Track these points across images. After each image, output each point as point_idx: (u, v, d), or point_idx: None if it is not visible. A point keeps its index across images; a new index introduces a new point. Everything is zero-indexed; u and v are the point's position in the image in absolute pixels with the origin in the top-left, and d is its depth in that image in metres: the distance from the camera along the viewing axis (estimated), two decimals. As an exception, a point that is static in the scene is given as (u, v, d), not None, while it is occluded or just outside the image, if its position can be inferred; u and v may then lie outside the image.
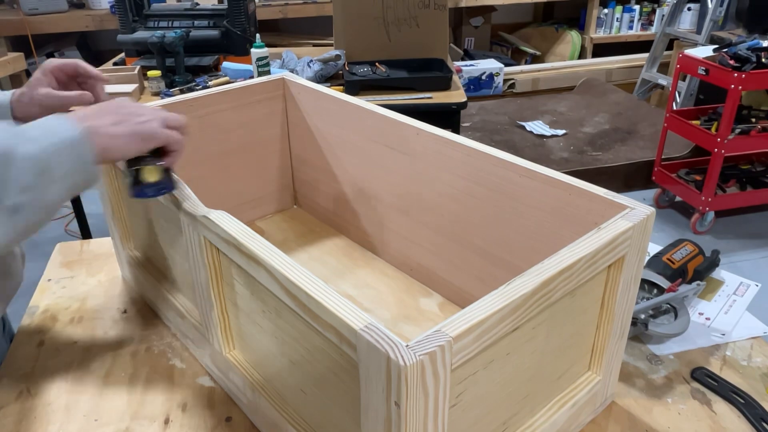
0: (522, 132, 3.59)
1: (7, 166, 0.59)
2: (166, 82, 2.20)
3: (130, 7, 2.41)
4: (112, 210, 1.03)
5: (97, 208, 2.88)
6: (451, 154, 0.91)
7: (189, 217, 0.75)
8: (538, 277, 0.58)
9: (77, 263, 1.17)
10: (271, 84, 1.18)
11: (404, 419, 0.51)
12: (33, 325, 1.01)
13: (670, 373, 0.89)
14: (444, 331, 0.51)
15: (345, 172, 1.15)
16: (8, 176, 0.59)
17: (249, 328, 0.76)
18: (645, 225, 0.69)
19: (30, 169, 0.61)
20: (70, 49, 3.97)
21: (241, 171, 1.21)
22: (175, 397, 0.86)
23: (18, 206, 0.60)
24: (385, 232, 1.11)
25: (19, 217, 0.61)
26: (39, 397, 0.86)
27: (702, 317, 1.01)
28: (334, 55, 2.26)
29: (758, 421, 0.80)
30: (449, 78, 2.19)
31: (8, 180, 0.59)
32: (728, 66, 2.56)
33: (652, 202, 3.11)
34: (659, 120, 3.37)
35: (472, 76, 4.06)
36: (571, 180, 0.77)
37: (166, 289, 0.95)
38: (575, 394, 0.75)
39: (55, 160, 0.62)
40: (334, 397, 0.63)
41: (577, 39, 4.51)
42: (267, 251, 0.63)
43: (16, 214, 0.61)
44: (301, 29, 4.27)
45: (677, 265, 1.04)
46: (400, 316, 1.00)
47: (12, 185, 0.59)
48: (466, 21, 4.52)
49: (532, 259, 0.84)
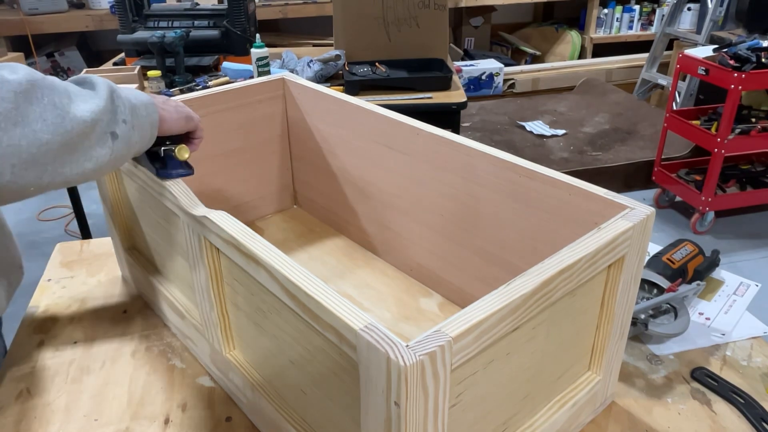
0: (522, 132, 3.59)
1: (115, 99, 0.69)
2: (166, 82, 2.20)
3: (130, 7, 2.41)
4: (112, 210, 1.03)
5: (97, 208, 2.90)
6: (451, 154, 0.91)
7: (189, 217, 0.75)
8: (538, 277, 0.58)
9: (77, 263, 1.17)
10: (271, 84, 1.18)
11: (404, 419, 0.51)
12: (33, 325, 1.01)
13: (670, 373, 0.89)
14: (444, 331, 0.51)
15: (345, 172, 1.15)
16: (116, 107, 0.69)
17: (249, 328, 0.76)
18: (645, 225, 0.69)
19: (127, 106, 0.71)
20: (70, 49, 3.97)
21: (241, 171, 1.21)
22: (175, 397, 0.86)
23: (117, 135, 0.69)
24: (385, 232, 1.11)
25: (115, 144, 0.69)
26: (39, 397, 0.86)
27: (702, 317, 1.01)
28: (334, 55, 2.26)
29: (758, 421, 0.80)
30: (449, 78, 2.19)
31: (116, 110, 0.69)
32: (728, 66, 2.55)
33: (652, 202, 3.11)
34: (659, 120, 3.37)
35: (472, 76, 4.06)
36: (571, 180, 0.77)
37: (166, 289, 0.95)
38: (575, 394, 0.75)
39: (139, 108, 0.73)
40: (334, 397, 0.63)
41: (577, 39, 4.51)
42: (267, 251, 0.63)
43: (116, 140, 0.69)
44: (301, 29, 4.27)
45: (677, 265, 1.04)
46: (400, 316, 1.00)
47: (118, 115, 0.69)
48: (466, 21, 4.52)
49: (532, 259, 0.84)
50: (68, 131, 0.62)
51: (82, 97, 0.66)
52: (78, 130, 0.63)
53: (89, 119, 0.64)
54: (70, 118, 0.63)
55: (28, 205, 3.22)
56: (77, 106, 0.64)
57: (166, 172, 0.80)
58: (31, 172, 0.61)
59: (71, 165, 0.64)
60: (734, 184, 2.97)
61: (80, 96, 0.66)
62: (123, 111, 0.70)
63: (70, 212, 3.00)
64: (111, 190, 1.01)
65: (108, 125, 0.68)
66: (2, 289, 0.90)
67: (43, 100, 0.61)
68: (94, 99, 0.66)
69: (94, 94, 0.67)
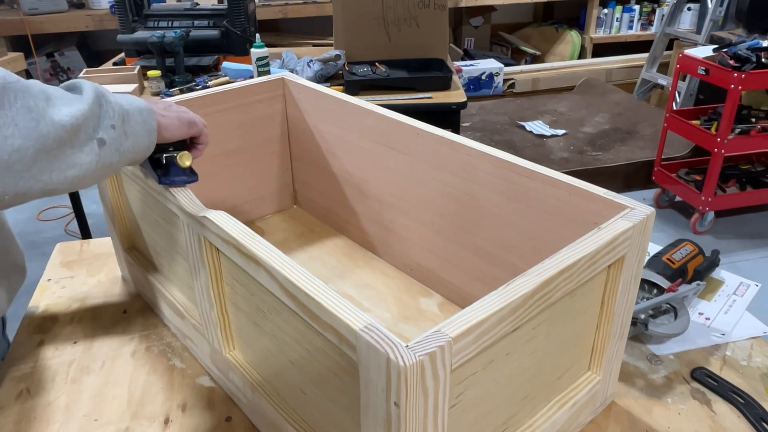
0: (522, 132, 3.59)
1: (102, 104, 0.67)
2: (166, 82, 2.20)
3: (130, 7, 2.41)
4: (112, 210, 1.03)
5: (97, 208, 2.90)
6: (451, 154, 0.91)
7: (189, 218, 0.75)
8: (538, 277, 0.58)
9: (77, 263, 1.17)
10: (271, 84, 1.18)
11: (404, 419, 0.51)
12: (33, 325, 1.01)
13: (670, 373, 0.89)
14: (444, 332, 0.51)
15: (345, 172, 1.15)
16: (103, 112, 0.67)
17: (249, 328, 0.76)
18: (645, 225, 0.69)
19: (116, 111, 0.69)
20: (70, 49, 3.97)
21: (241, 171, 1.21)
22: (175, 397, 0.86)
23: (104, 141, 0.67)
24: (385, 232, 1.11)
25: (102, 151, 0.67)
26: (39, 397, 0.86)
27: (702, 317, 1.01)
28: (334, 55, 2.26)
29: (758, 421, 0.80)
30: (449, 78, 2.19)
31: (103, 115, 0.67)
32: (728, 66, 2.55)
33: (652, 202, 3.11)
34: (659, 120, 3.37)
35: (472, 76, 4.06)
36: (571, 180, 0.77)
37: (165, 289, 0.95)
38: (575, 394, 0.75)
39: (132, 115, 0.71)
40: (334, 397, 0.63)
41: (577, 39, 4.51)
42: (267, 251, 0.63)
43: (102, 147, 0.66)
44: (301, 29, 4.27)
45: (677, 265, 1.04)
46: (400, 316, 1.00)
47: (104, 121, 0.67)
48: (466, 21, 4.52)
49: (532, 259, 0.84)
50: (43, 136, 0.59)
51: (64, 100, 0.63)
52: (55, 135, 0.60)
53: (68, 124, 0.62)
54: (47, 122, 0.60)
55: (28, 204, 3.22)
56: (57, 110, 0.61)
57: (169, 180, 0.79)
58: (5, 178, 0.57)
59: (51, 172, 0.61)
60: (734, 184, 2.98)
61: (62, 100, 0.63)
62: (111, 116, 0.67)
63: (70, 212, 3.00)
64: (111, 191, 1.01)
65: (94, 131, 0.65)
66: (2, 290, 0.90)
67: (16, 103, 0.58)
68: (77, 103, 0.64)
69: (78, 99, 0.65)
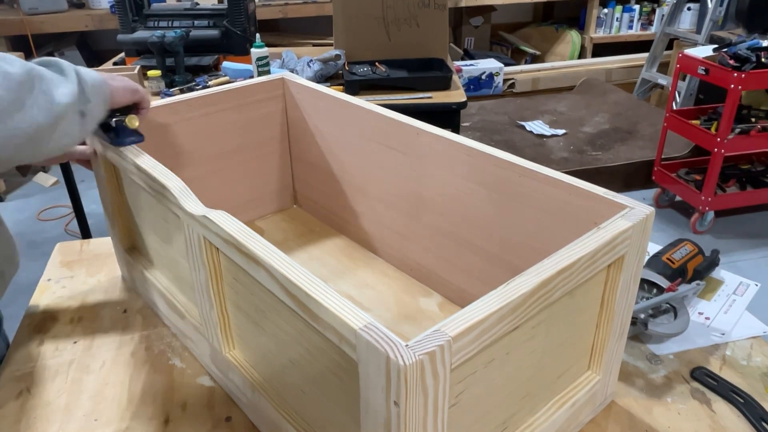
0: (522, 132, 3.59)
1: (80, 81, 0.77)
2: (166, 82, 2.20)
3: (130, 7, 2.41)
4: (111, 210, 1.03)
5: (97, 208, 2.90)
6: (451, 154, 0.91)
7: (189, 217, 0.75)
8: (538, 277, 0.58)
9: (77, 263, 1.17)
10: (271, 84, 1.18)
11: (404, 419, 0.51)
12: (33, 325, 1.01)
13: (670, 372, 0.89)
14: (443, 331, 0.51)
15: (345, 172, 1.15)
16: (82, 88, 0.77)
17: (249, 327, 0.76)
18: (645, 225, 0.69)
19: (89, 85, 0.79)
20: (70, 49, 3.97)
21: (241, 171, 1.21)
22: (175, 396, 0.86)
23: (84, 113, 0.78)
24: (385, 232, 1.11)
25: (83, 122, 0.78)
26: (39, 397, 0.86)
27: (702, 317, 1.01)
28: (334, 55, 2.26)
29: (758, 421, 0.80)
30: (449, 78, 2.19)
31: (81, 92, 0.77)
32: (728, 66, 2.56)
33: (652, 201, 3.11)
34: (659, 120, 3.37)
35: (472, 75, 4.06)
36: (571, 180, 0.77)
37: (165, 289, 0.95)
38: (575, 393, 0.75)
39: (97, 87, 0.81)
40: (334, 396, 0.63)
41: (577, 39, 4.51)
42: (266, 251, 0.63)
43: (83, 117, 0.78)
44: (301, 29, 4.27)
45: (677, 264, 1.04)
46: (400, 316, 1.00)
47: (83, 96, 0.77)
48: (466, 21, 4.52)
49: (532, 259, 0.84)
50: (55, 114, 0.72)
51: (59, 82, 0.74)
52: (60, 112, 0.73)
53: (67, 102, 0.74)
54: (56, 102, 0.72)
55: (28, 205, 3.23)
56: (59, 92, 0.73)
57: (120, 141, 0.89)
58: (27, 148, 0.71)
59: (54, 141, 0.74)
60: (734, 184, 2.98)
61: (56, 81, 0.74)
62: (88, 91, 0.78)
63: (70, 212, 3.00)
64: (111, 190, 1.01)
65: (78, 105, 0.76)
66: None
67: (36, 88, 0.70)
68: (69, 84, 0.75)
69: (66, 80, 0.75)
